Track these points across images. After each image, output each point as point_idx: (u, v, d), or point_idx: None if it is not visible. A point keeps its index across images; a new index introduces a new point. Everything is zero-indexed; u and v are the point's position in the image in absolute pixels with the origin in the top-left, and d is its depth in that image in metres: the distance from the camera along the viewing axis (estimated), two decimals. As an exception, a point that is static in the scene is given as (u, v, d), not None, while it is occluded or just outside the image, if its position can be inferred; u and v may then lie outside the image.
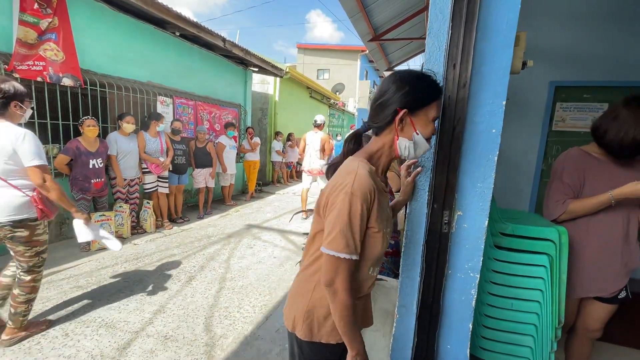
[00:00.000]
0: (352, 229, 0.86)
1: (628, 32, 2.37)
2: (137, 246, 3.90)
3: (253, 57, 6.76)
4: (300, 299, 1.02)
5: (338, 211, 0.86)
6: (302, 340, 1.01)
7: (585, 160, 1.52)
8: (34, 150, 1.86)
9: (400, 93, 0.92)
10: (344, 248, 0.85)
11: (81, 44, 3.85)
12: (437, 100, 0.94)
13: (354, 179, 0.87)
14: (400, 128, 0.94)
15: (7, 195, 1.85)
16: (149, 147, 4.30)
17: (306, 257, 1.05)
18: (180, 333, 2.29)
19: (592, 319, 1.61)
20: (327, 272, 0.88)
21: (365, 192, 0.86)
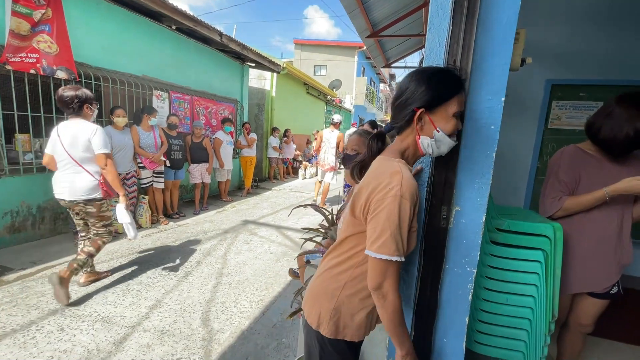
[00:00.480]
0: (401, 232, 0.86)
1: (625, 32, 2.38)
2: (133, 241, 3.87)
3: (250, 52, 6.72)
4: (325, 298, 1.03)
5: (388, 214, 0.85)
6: (326, 337, 1.02)
7: (580, 158, 1.54)
8: (102, 142, 2.49)
9: (418, 92, 0.92)
10: (395, 251, 0.85)
11: (75, 36, 3.79)
12: (456, 96, 0.91)
13: (401, 180, 0.87)
14: (420, 127, 0.95)
15: (82, 180, 2.46)
16: (143, 141, 4.26)
17: (331, 257, 1.07)
18: (177, 328, 2.29)
19: (584, 313, 1.64)
20: (376, 276, 0.88)
21: (412, 194, 0.87)
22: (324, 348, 1.05)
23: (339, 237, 1.06)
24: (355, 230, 0.98)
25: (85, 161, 2.47)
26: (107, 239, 2.69)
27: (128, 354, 2.00)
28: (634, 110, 1.36)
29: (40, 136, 3.63)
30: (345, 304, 1.00)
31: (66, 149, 2.41)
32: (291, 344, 2.20)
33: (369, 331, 1.06)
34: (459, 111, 0.93)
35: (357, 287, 0.99)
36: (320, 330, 1.03)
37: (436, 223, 1.13)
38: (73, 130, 2.42)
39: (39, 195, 3.69)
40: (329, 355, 1.06)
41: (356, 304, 1.00)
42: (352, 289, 1.00)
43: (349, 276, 1.00)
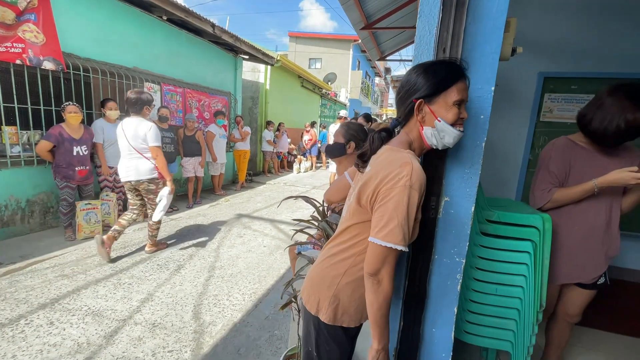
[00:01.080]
0: (408, 222, 0.87)
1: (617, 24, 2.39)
2: (125, 235, 3.84)
3: (243, 44, 6.63)
4: (325, 285, 1.04)
5: (396, 203, 0.86)
6: (324, 323, 1.04)
7: (571, 149, 1.54)
8: (155, 137, 3.05)
9: (416, 84, 0.94)
10: (402, 240, 0.86)
11: (63, 26, 3.70)
12: (455, 84, 0.91)
13: (411, 171, 0.87)
14: (421, 118, 0.96)
15: (144, 164, 3.09)
16: None
17: (331, 246, 1.08)
18: (168, 320, 2.28)
19: (572, 304, 1.66)
20: (375, 262, 0.89)
21: (421, 185, 0.88)
22: (320, 333, 1.07)
23: (342, 225, 1.06)
24: (360, 219, 0.99)
25: (144, 150, 3.07)
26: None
27: (119, 347, 1.99)
28: (625, 101, 1.36)
29: (28, 128, 3.56)
30: (344, 291, 1.01)
31: (129, 140, 3.00)
32: (283, 335, 2.20)
33: (365, 318, 1.07)
34: (460, 99, 0.91)
35: (357, 274, 1.00)
36: (319, 316, 1.04)
37: (425, 213, 1.13)
38: (134, 126, 3.01)
39: (28, 189, 3.63)
40: (325, 340, 1.07)
41: (355, 291, 1.01)
42: (351, 277, 1.01)
43: (349, 264, 1.01)
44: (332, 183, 1.38)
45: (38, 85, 3.54)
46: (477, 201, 1.44)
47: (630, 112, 1.35)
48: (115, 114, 3.90)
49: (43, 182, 3.74)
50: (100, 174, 3.92)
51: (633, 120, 1.35)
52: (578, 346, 2.14)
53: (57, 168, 3.40)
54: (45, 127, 3.63)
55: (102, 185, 3.98)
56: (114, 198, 3.99)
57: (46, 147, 3.31)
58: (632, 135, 1.40)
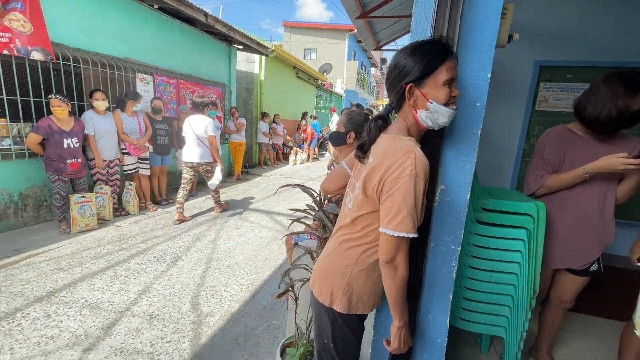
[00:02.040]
0: (417, 210, 0.89)
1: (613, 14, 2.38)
2: (120, 228, 3.83)
3: (237, 34, 6.52)
4: (337, 275, 1.05)
5: (404, 193, 0.87)
6: (339, 313, 1.06)
7: (566, 137, 1.55)
8: (212, 128, 4.03)
9: (404, 68, 0.93)
10: (412, 228, 0.88)
11: (51, 15, 3.60)
12: (443, 64, 0.90)
13: (415, 160, 0.87)
14: (414, 102, 0.96)
15: (205, 151, 4.06)
16: (127, 126, 4.14)
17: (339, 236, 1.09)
18: (166, 312, 2.29)
19: (565, 290, 1.69)
20: (389, 251, 0.91)
21: (426, 172, 0.89)
22: (335, 324, 1.09)
23: (349, 216, 1.06)
24: (368, 210, 0.99)
25: (204, 139, 4.03)
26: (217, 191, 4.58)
27: (117, 338, 2.00)
28: (618, 88, 1.37)
29: (18, 121, 3.49)
30: (357, 279, 1.03)
31: (194, 132, 3.98)
32: (281, 325, 2.22)
33: (377, 304, 1.11)
34: (449, 78, 0.91)
35: (368, 262, 1.02)
36: (333, 306, 1.05)
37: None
38: (198, 121, 4.03)
39: (21, 182, 3.58)
40: (340, 330, 1.09)
41: (368, 279, 1.03)
42: (363, 265, 1.02)
43: (360, 252, 1.02)
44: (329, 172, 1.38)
45: (27, 76, 3.46)
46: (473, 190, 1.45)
47: (622, 99, 1.36)
48: (104, 105, 3.82)
49: (35, 175, 3.69)
50: (93, 167, 3.87)
51: (624, 107, 1.36)
52: (569, 331, 2.19)
53: (48, 161, 3.35)
54: (36, 119, 3.56)
55: (95, 179, 3.93)
56: (108, 191, 3.95)
57: (35, 140, 3.26)
58: (625, 123, 1.40)
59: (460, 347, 1.98)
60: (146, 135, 4.36)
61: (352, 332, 1.10)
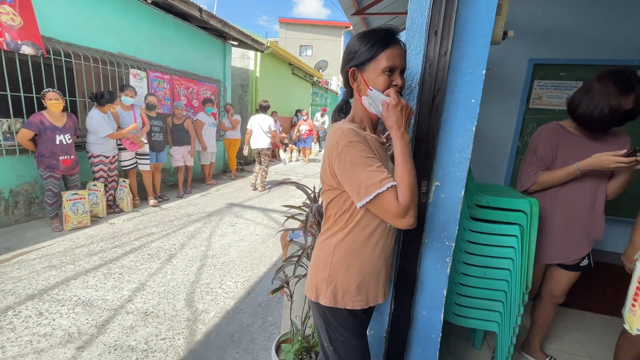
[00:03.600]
0: (370, 168, 0.86)
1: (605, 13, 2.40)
2: (114, 225, 3.79)
3: (232, 30, 6.46)
4: (318, 267, 1.02)
5: (351, 163, 0.87)
6: (328, 310, 1.00)
7: (559, 134, 1.57)
8: (273, 125, 5.65)
9: (351, 52, 0.95)
10: (380, 182, 0.85)
11: (42, 9, 3.54)
12: (384, 51, 0.89)
13: (342, 132, 0.89)
14: (357, 86, 0.97)
15: (267, 140, 5.60)
16: (122, 121, 4.09)
17: (321, 231, 1.07)
18: (161, 309, 2.27)
19: (556, 285, 1.71)
20: (385, 213, 0.87)
21: (358, 135, 0.89)
22: (328, 323, 1.03)
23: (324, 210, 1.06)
24: (331, 197, 0.99)
25: (267, 133, 5.58)
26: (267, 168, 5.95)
27: (111, 336, 1.98)
28: (611, 87, 1.38)
29: (8, 116, 3.43)
30: (338, 269, 0.98)
31: (261, 127, 5.53)
32: (276, 321, 2.22)
33: (372, 301, 1.02)
34: (389, 66, 0.90)
35: (346, 251, 0.98)
36: (319, 301, 1.00)
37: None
38: (263, 119, 5.57)
39: (11, 179, 3.53)
40: (334, 329, 1.02)
41: (350, 269, 0.98)
42: (340, 254, 0.98)
43: (336, 241, 0.99)
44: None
45: (17, 71, 3.40)
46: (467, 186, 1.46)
47: (614, 98, 1.37)
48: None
49: (26, 172, 3.63)
50: (96, 164, 3.88)
51: (616, 105, 1.37)
52: (561, 326, 2.22)
53: (39, 157, 3.30)
54: (27, 114, 3.50)
55: (97, 176, 3.91)
56: (101, 188, 3.91)
57: (27, 136, 3.20)
58: (617, 121, 1.42)
59: (454, 342, 2.00)
60: (142, 130, 4.31)
61: (349, 333, 1.01)
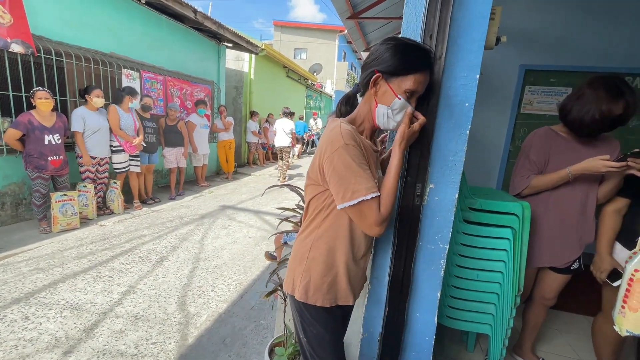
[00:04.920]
0: (359, 174, 0.88)
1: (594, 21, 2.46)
2: (104, 227, 3.73)
3: (226, 31, 6.45)
4: (296, 262, 1.04)
5: (343, 165, 0.88)
6: (303, 304, 1.02)
7: (551, 139, 1.59)
8: (294, 127, 7.08)
9: (382, 56, 0.92)
10: (366, 190, 0.87)
11: (32, 7, 3.49)
12: (416, 74, 0.89)
13: (340, 132, 0.89)
14: (375, 91, 0.95)
15: (287, 139, 6.86)
16: (123, 122, 4.03)
17: (301, 227, 1.08)
18: (151, 313, 2.24)
19: (547, 287, 1.73)
20: (362, 219, 0.90)
21: (355, 137, 0.90)
22: (302, 316, 1.05)
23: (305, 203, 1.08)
24: (314, 193, 1.00)
25: (289, 134, 6.76)
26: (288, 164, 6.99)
27: (100, 340, 1.94)
28: (602, 93, 1.41)
29: (-4, 115, 3.36)
30: (313, 266, 0.99)
31: (284, 129, 6.70)
32: (269, 325, 2.20)
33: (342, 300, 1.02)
34: (412, 89, 0.91)
35: (322, 248, 0.99)
36: (294, 294, 1.02)
37: (410, 200, 1.14)
38: (286, 123, 6.82)
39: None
40: (309, 323, 1.04)
41: (324, 267, 0.99)
42: (317, 250, 0.99)
43: (313, 237, 1.00)
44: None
45: (6, 69, 3.33)
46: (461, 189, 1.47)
47: (605, 104, 1.40)
48: (101, 102, 3.78)
49: (13, 172, 3.55)
50: (81, 165, 3.76)
51: (607, 111, 1.40)
52: (552, 329, 2.25)
53: (27, 158, 3.23)
54: (15, 114, 3.43)
55: (83, 177, 3.82)
56: (91, 189, 3.84)
57: (14, 136, 3.13)
58: (607, 127, 1.45)
59: (447, 345, 2.01)
60: (141, 133, 4.28)
61: (321, 326, 1.03)
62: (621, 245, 1.53)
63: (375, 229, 0.90)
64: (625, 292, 1.15)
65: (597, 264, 1.55)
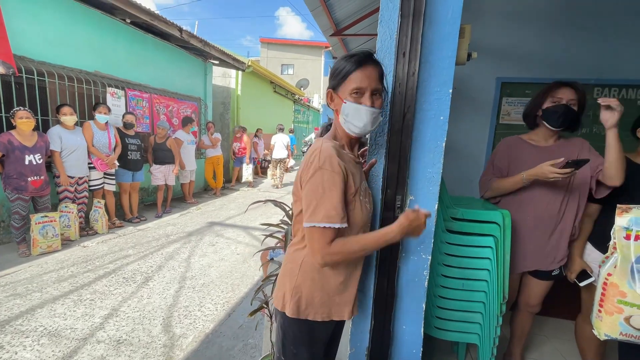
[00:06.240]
0: (331, 200, 0.89)
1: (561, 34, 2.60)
2: (87, 248, 3.62)
3: (212, 49, 6.52)
4: (287, 278, 1.03)
5: (312, 186, 0.90)
6: (289, 320, 1.01)
7: (516, 146, 1.68)
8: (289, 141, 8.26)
9: (330, 77, 1.02)
10: (323, 218, 0.88)
11: (14, 27, 3.47)
12: (352, 74, 0.95)
13: (319, 153, 0.92)
14: (334, 106, 1.03)
15: (285, 152, 8.04)
16: (97, 140, 3.98)
17: (291, 242, 1.09)
18: (135, 336, 2.16)
19: (531, 294, 1.75)
20: (311, 243, 0.92)
21: (332, 162, 0.90)
22: (286, 334, 1.04)
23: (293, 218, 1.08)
24: (298, 210, 1.02)
25: (286, 147, 7.91)
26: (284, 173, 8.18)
27: (79, 368, 1.86)
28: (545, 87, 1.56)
29: (-26, 137, 3.27)
30: (304, 282, 0.99)
31: (283, 142, 7.85)
32: (257, 344, 2.15)
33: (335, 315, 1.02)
34: (356, 88, 0.95)
35: (311, 263, 1.00)
36: (285, 310, 1.01)
37: (391, 212, 1.16)
38: (283, 137, 7.95)
39: (-26, 202, 3.33)
40: (291, 341, 1.04)
41: (315, 282, 1.00)
42: (307, 266, 1.00)
43: (303, 255, 1.01)
44: None
45: (-15, 90, 3.28)
46: (442, 200, 1.50)
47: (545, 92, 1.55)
48: (72, 120, 3.67)
49: (-8, 194, 3.45)
50: (59, 185, 3.67)
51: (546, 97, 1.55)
52: (540, 335, 2.27)
53: (6, 179, 3.14)
54: (-6, 135, 3.36)
55: (61, 197, 3.72)
56: (74, 209, 3.75)
57: (-7, 157, 3.06)
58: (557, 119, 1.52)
59: (438, 356, 2.00)
60: (116, 151, 4.21)
61: (303, 347, 1.03)
62: (592, 246, 1.60)
63: (317, 258, 0.92)
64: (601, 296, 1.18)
65: (567, 265, 1.65)
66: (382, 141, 1.16)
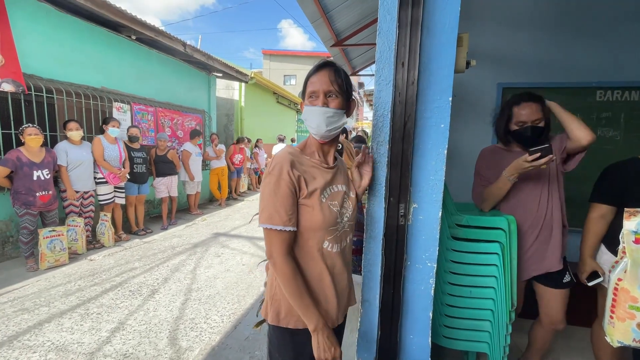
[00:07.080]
0: (276, 203, 0.92)
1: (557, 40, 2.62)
2: (94, 262, 3.64)
3: (216, 62, 6.64)
4: (269, 286, 1.07)
5: (261, 189, 0.97)
6: (272, 329, 1.04)
7: (497, 153, 1.69)
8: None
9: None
10: (268, 219, 0.92)
11: (24, 47, 3.57)
12: (308, 80, 1.03)
13: (272, 161, 0.98)
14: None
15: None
16: (107, 154, 4.04)
17: None
18: (141, 350, 2.15)
19: (552, 308, 1.66)
20: (266, 245, 0.97)
21: (281, 169, 0.93)
22: (272, 342, 1.07)
23: None
24: None
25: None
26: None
27: (86, 383, 1.85)
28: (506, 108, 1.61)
29: (-16, 154, 3.35)
30: (280, 290, 1.01)
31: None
32: (264, 357, 2.13)
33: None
34: (310, 92, 1.01)
35: None
36: (267, 319, 1.04)
37: (395, 221, 1.16)
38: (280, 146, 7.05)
39: (-16, 218, 3.39)
40: (276, 348, 1.05)
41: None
42: None
43: None
44: None
45: (-4, 108, 3.37)
46: (447, 206, 1.49)
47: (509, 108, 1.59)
48: (78, 135, 3.75)
49: (0, 210, 3.50)
50: (65, 199, 3.72)
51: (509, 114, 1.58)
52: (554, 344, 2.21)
53: (15, 194, 3.20)
54: (4, 151, 3.43)
55: (67, 211, 3.77)
56: (81, 223, 3.79)
57: (2, 173, 3.10)
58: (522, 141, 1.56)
59: (448, 367, 1.96)
60: (126, 165, 4.28)
61: (287, 352, 1.02)
62: (605, 248, 1.57)
63: (271, 260, 0.96)
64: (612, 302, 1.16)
65: (579, 266, 1.62)
66: (383, 150, 1.16)
